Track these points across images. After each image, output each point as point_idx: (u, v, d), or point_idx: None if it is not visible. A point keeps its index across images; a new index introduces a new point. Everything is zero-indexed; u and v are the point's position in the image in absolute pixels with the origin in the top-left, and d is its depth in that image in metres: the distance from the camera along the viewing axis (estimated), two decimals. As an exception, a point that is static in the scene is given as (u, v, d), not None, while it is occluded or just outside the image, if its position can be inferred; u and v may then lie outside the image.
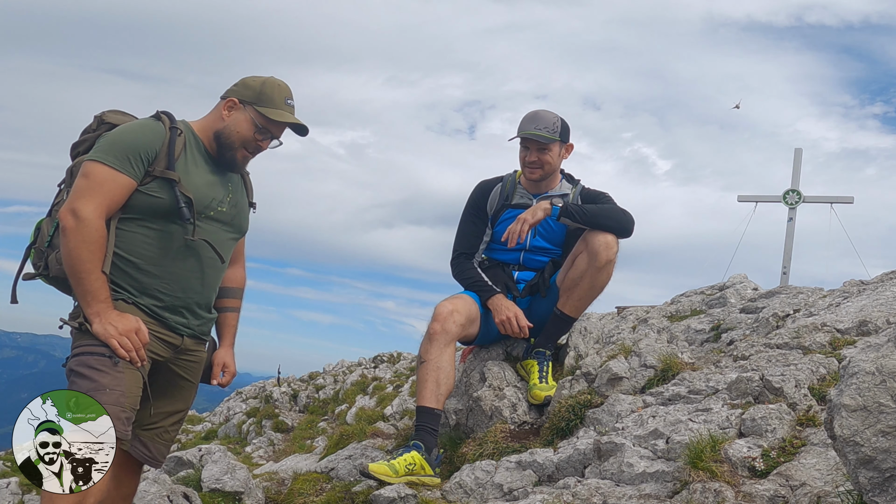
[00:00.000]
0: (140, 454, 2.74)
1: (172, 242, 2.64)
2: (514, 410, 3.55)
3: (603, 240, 3.48)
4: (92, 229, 2.47)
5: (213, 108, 2.80)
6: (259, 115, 2.71)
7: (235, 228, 2.85)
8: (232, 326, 3.01)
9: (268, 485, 3.86)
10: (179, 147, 2.64)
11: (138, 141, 2.57)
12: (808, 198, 16.66)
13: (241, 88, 2.74)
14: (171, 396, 2.81)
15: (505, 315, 3.57)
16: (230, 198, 2.79)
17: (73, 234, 2.45)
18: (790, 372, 2.95)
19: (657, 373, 3.41)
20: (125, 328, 2.48)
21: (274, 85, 2.74)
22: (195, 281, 2.72)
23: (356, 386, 14.74)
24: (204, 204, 2.67)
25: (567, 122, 3.69)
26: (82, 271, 2.47)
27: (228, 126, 2.71)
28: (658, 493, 2.44)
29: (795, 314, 4.27)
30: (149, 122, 2.64)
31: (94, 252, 2.48)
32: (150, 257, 2.62)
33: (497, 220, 3.80)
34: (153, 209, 2.60)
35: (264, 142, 2.78)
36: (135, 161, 2.55)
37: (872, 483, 1.73)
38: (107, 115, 2.75)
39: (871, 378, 1.76)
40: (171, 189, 2.58)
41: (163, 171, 2.58)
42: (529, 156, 3.68)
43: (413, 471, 3.03)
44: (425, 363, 3.37)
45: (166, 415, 2.81)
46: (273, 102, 2.72)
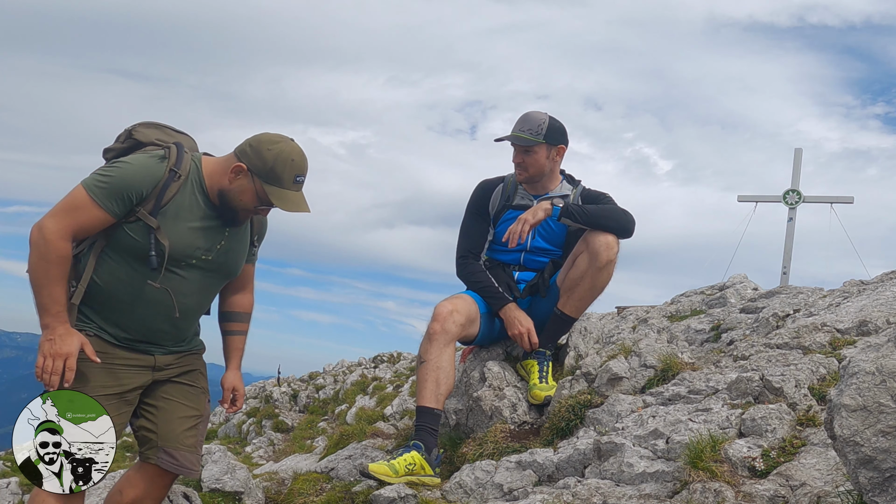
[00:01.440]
0: (169, 465, 2.74)
1: (145, 283, 2.64)
2: (514, 410, 3.55)
3: (603, 240, 3.48)
4: (52, 248, 2.48)
5: (225, 158, 2.72)
6: (264, 191, 2.64)
7: (223, 274, 2.82)
8: (239, 349, 3.06)
9: (268, 485, 3.86)
10: (172, 192, 2.60)
11: (129, 182, 2.54)
12: (808, 198, 16.67)
13: (253, 157, 2.63)
14: (174, 406, 2.81)
15: (517, 330, 3.61)
16: (222, 244, 2.74)
17: (35, 249, 2.49)
18: (790, 372, 2.95)
19: (657, 373, 3.41)
20: (57, 351, 2.47)
21: (287, 161, 2.62)
22: (164, 323, 2.72)
23: (356, 386, 14.75)
24: (185, 253, 2.64)
25: (561, 124, 3.67)
26: (37, 285, 2.51)
27: (233, 190, 2.65)
28: (658, 493, 2.44)
29: (795, 314, 4.27)
30: (150, 164, 2.59)
31: (49, 269, 2.49)
32: (124, 292, 2.64)
33: (498, 220, 3.80)
34: (129, 249, 2.61)
35: (264, 210, 2.77)
36: (118, 200, 2.53)
37: (872, 483, 1.73)
38: (137, 131, 2.75)
39: (871, 378, 1.75)
40: (147, 234, 2.57)
41: (145, 216, 2.57)
42: (515, 157, 3.69)
43: (413, 471, 3.03)
44: (425, 363, 3.37)
45: (179, 422, 2.81)
46: (281, 182, 2.63)
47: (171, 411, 2.79)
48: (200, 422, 2.88)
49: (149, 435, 2.76)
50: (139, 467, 2.79)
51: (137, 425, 2.79)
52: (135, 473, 2.79)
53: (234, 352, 3.06)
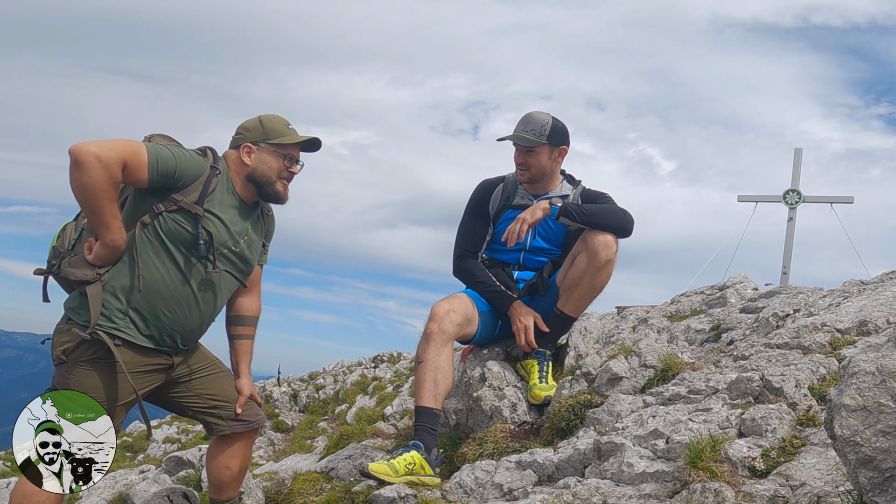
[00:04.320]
0: (244, 427, 3.06)
1: (179, 272, 2.76)
2: (514, 410, 3.55)
3: (602, 239, 3.48)
4: (111, 171, 2.52)
5: (230, 152, 2.94)
6: (276, 146, 2.90)
7: (243, 268, 2.97)
8: (248, 354, 3.17)
9: (268, 485, 3.86)
10: (213, 186, 2.79)
11: (181, 164, 2.70)
12: (808, 198, 16.68)
13: (247, 133, 2.91)
14: (207, 383, 2.99)
15: (518, 324, 3.63)
16: (246, 238, 2.92)
17: (89, 170, 2.49)
18: (790, 372, 2.95)
19: (657, 373, 3.41)
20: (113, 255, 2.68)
21: (271, 119, 2.94)
22: (194, 318, 2.83)
23: (356, 386, 14.76)
24: (221, 242, 2.80)
25: (563, 125, 3.67)
26: (98, 205, 2.55)
27: (257, 167, 2.88)
28: (658, 493, 2.44)
29: (795, 314, 4.27)
30: (195, 157, 2.79)
31: (108, 190, 2.55)
32: (166, 284, 2.74)
33: (498, 220, 3.80)
34: (177, 238, 2.72)
35: (293, 167, 2.96)
36: (164, 173, 2.65)
37: (872, 483, 1.73)
38: (153, 139, 2.85)
39: (871, 378, 1.75)
40: (195, 223, 2.72)
41: (190, 205, 2.72)
42: (517, 157, 3.69)
43: (413, 471, 3.03)
44: (423, 363, 3.37)
45: (222, 390, 3.02)
46: (279, 132, 2.91)
47: (209, 387, 2.98)
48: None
49: (210, 420, 3.00)
50: (222, 439, 3.06)
51: (195, 417, 3.01)
52: (227, 445, 3.06)
53: (242, 356, 3.14)
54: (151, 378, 2.79)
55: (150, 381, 2.79)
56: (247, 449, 3.12)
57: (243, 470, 3.15)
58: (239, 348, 3.13)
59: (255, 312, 3.14)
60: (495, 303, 3.70)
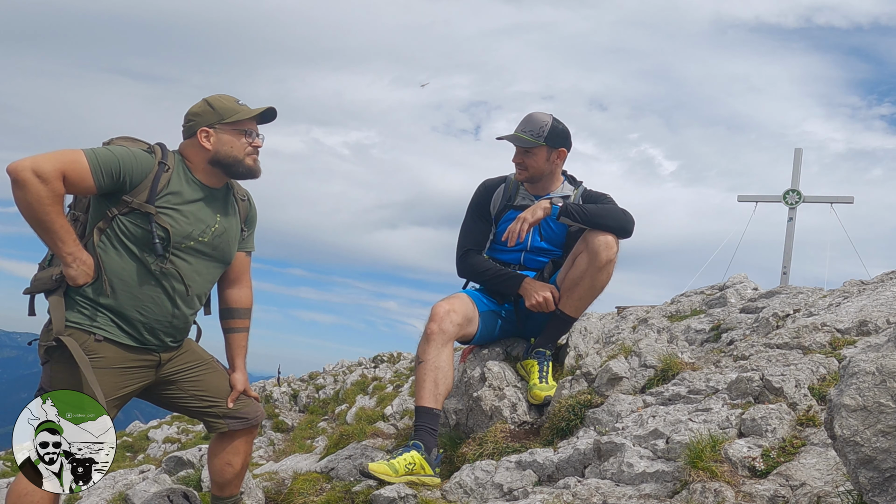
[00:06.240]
0: (243, 425, 3.05)
1: (146, 271, 2.74)
2: (514, 410, 3.55)
3: (603, 239, 3.48)
4: (51, 186, 2.51)
5: (187, 142, 2.89)
6: (233, 124, 2.84)
7: (219, 258, 2.94)
8: (242, 347, 3.15)
9: (268, 485, 3.85)
10: (164, 182, 2.74)
11: (124, 163, 2.66)
12: (808, 198, 16.67)
13: (199, 118, 2.84)
14: (202, 381, 2.98)
15: (534, 300, 3.59)
16: (216, 227, 2.87)
17: (31, 187, 2.47)
18: (790, 372, 2.95)
19: (657, 373, 3.40)
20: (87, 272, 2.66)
21: (219, 98, 2.88)
22: (170, 312, 2.81)
23: (356, 386, 14.75)
24: (183, 235, 2.77)
25: (564, 128, 3.68)
26: (46, 220, 2.53)
27: (219, 150, 2.83)
28: (658, 493, 2.44)
29: (795, 314, 4.27)
30: (139, 154, 2.74)
31: (54, 205, 2.54)
32: (133, 282, 2.73)
33: (499, 220, 3.80)
34: (133, 239, 2.70)
35: (256, 140, 2.90)
36: (108, 175, 2.63)
37: (872, 483, 1.73)
38: (115, 143, 2.83)
39: (871, 378, 1.75)
40: (147, 222, 2.69)
41: (141, 204, 2.69)
42: (515, 157, 3.70)
43: (413, 470, 3.03)
44: (423, 363, 3.37)
45: (217, 389, 3.01)
46: (233, 110, 2.86)
47: (201, 387, 2.97)
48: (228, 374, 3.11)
49: (208, 418, 3.00)
50: (222, 437, 3.07)
51: (194, 416, 3.02)
52: (228, 443, 3.06)
53: (237, 350, 3.13)
54: (138, 375, 2.79)
55: (137, 379, 2.79)
56: (248, 445, 3.13)
57: (245, 466, 3.16)
58: (233, 342, 3.12)
59: (247, 304, 3.14)
60: (506, 285, 3.68)
